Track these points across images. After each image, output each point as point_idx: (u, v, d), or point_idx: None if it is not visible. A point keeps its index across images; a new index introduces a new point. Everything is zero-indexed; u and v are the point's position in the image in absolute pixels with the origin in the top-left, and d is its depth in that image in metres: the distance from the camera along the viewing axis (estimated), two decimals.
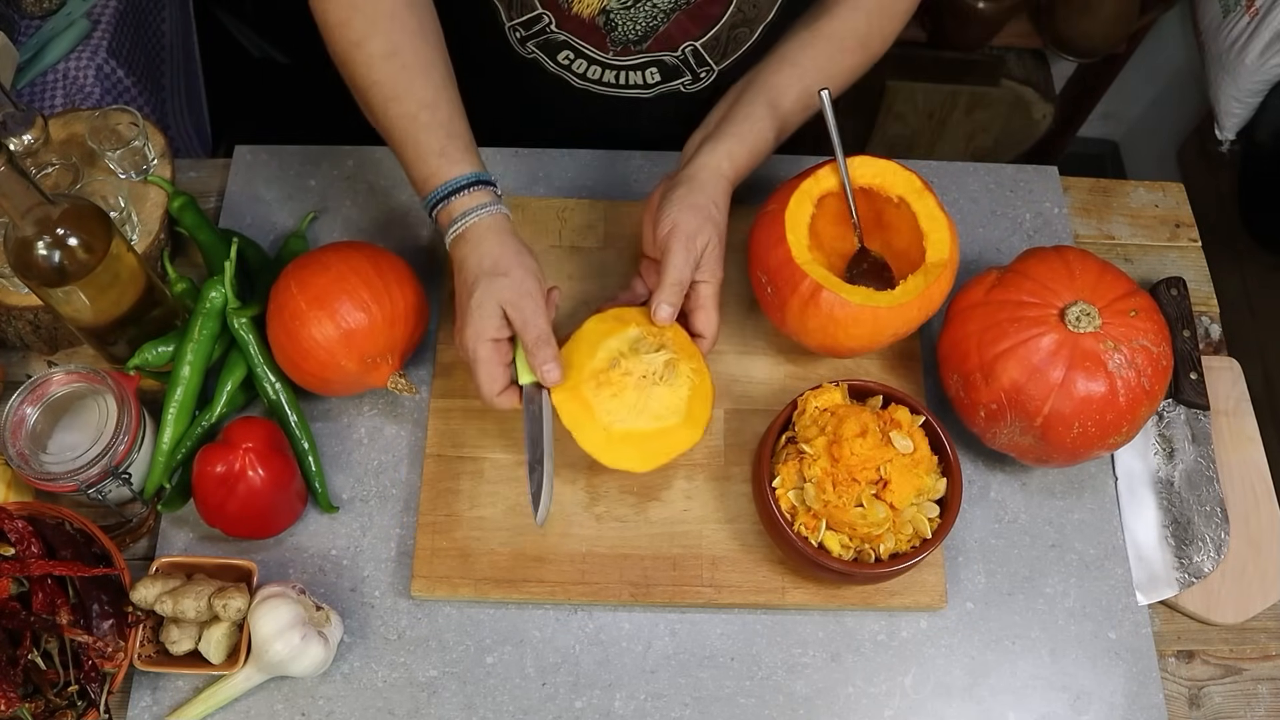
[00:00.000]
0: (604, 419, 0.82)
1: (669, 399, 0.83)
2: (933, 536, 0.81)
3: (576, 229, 1.02)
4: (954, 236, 0.88)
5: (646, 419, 0.83)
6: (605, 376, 0.83)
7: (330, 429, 0.93)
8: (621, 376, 0.83)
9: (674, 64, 0.90)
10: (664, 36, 0.88)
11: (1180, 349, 0.97)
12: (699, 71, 0.92)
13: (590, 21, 0.86)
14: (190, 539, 0.88)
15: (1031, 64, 1.91)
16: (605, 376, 0.83)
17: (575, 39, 0.89)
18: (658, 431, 0.83)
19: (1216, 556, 0.90)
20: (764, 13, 0.86)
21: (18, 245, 0.77)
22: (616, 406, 0.82)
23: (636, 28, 0.86)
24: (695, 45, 0.88)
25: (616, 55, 0.89)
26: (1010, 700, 0.86)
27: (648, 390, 0.83)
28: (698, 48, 0.88)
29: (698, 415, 0.84)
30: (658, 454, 0.83)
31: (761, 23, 0.87)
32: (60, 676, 0.77)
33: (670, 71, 0.91)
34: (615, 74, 0.92)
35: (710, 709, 0.84)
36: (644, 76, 0.92)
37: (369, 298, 0.84)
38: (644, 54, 0.89)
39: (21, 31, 1.29)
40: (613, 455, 0.82)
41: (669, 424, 0.83)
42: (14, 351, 0.95)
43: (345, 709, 0.83)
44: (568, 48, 0.90)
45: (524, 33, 0.89)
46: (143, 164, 0.96)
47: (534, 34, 0.89)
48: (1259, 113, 1.64)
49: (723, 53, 0.90)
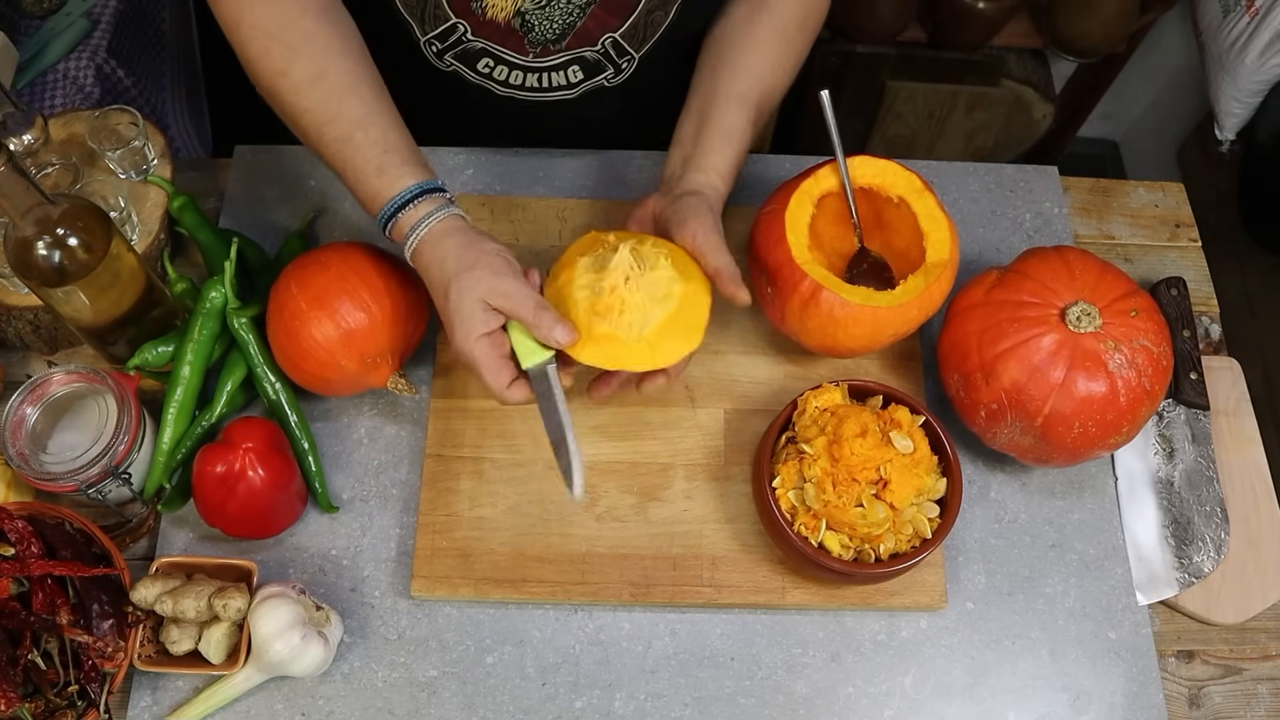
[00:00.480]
0: (634, 334, 0.80)
1: (661, 276, 0.82)
2: (933, 536, 0.81)
3: (576, 229, 1.02)
4: (954, 236, 0.88)
5: (661, 304, 0.81)
6: (601, 305, 0.81)
7: (330, 429, 0.93)
8: (610, 293, 0.80)
9: (595, 59, 0.89)
10: (582, 32, 0.87)
11: (1180, 349, 0.97)
12: (620, 63, 0.91)
13: (506, 25, 0.85)
14: (190, 539, 0.88)
15: (1031, 64, 1.91)
16: (601, 305, 0.81)
17: (493, 44, 0.87)
18: (679, 305, 0.81)
19: (1216, 556, 0.90)
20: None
21: (18, 245, 0.77)
22: (633, 318, 0.80)
23: (553, 26, 0.85)
24: (614, 37, 0.87)
25: (536, 57, 0.88)
26: (1010, 700, 0.86)
27: (639, 284, 0.81)
28: (617, 39, 0.88)
29: (690, 271, 0.83)
30: (694, 323, 0.82)
31: (674, 3, 0.86)
32: (60, 676, 0.77)
33: (592, 67, 0.91)
34: (537, 76, 0.91)
35: (710, 709, 0.84)
36: (566, 76, 0.91)
37: (369, 298, 0.84)
38: (564, 52, 0.88)
39: (21, 31, 1.29)
40: (667, 353, 0.81)
41: (680, 290, 0.82)
42: (14, 351, 0.95)
43: (345, 709, 0.83)
44: (486, 55, 0.88)
45: (440, 45, 0.88)
46: (143, 164, 0.96)
47: (450, 45, 0.87)
48: (1259, 113, 1.64)
49: (641, 39, 0.89)
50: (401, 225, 0.81)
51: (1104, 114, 2.15)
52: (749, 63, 0.92)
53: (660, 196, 0.90)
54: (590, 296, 0.80)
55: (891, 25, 1.78)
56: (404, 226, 0.80)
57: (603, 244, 0.84)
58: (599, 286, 0.80)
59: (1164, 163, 2.04)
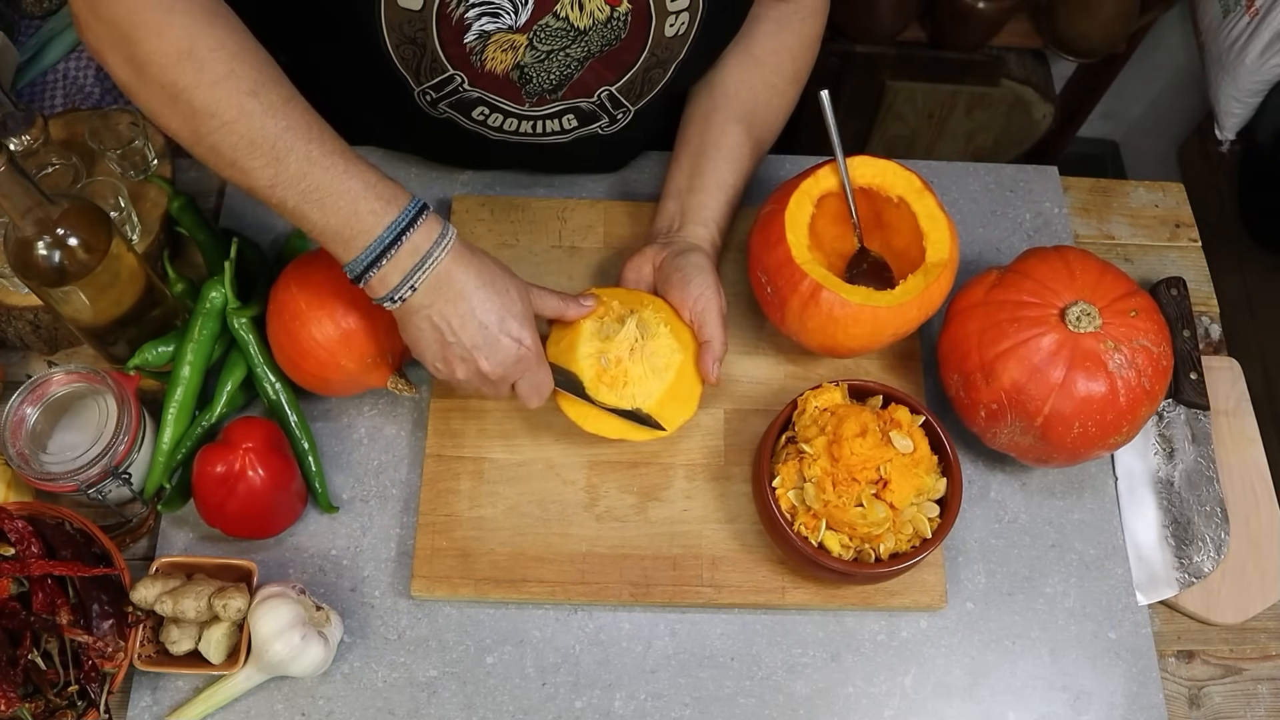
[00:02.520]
0: (635, 405, 0.85)
1: (661, 345, 0.86)
2: (933, 536, 0.81)
3: (576, 229, 1.02)
4: (954, 236, 0.88)
5: (661, 375, 0.85)
6: (607, 377, 0.84)
7: (330, 429, 0.93)
8: (616, 365, 0.84)
9: (590, 109, 0.89)
10: (579, 84, 0.86)
11: (1180, 349, 0.97)
12: (615, 114, 0.91)
13: (504, 76, 0.84)
14: (190, 539, 0.88)
15: (1031, 64, 1.91)
16: (607, 377, 0.84)
17: (489, 94, 0.86)
18: (677, 376, 0.86)
19: (1216, 556, 0.90)
20: (676, 53, 0.85)
21: (18, 245, 0.77)
22: (635, 389, 0.85)
23: (551, 78, 0.84)
24: (610, 90, 0.87)
25: (532, 106, 0.88)
26: (1010, 700, 0.86)
27: (641, 354, 0.85)
28: (613, 92, 0.88)
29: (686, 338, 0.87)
30: (690, 392, 0.87)
31: (674, 62, 0.87)
32: (60, 676, 0.77)
33: (586, 117, 0.91)
34: (532, 124, 0.91)
35: (710, 709, 0.84)
36: (560, 124, 0.91)
37: (369, 298, 0.84)
38: (559, 102, 0.88)
39: (21, 31, 1.28)
40: (671, 418, 0.86)
41: (679, 361, 0.86)
42: (14, 351, 0.95)
43: (345, 709, 0.83)
44: (482, 104, 0.87)
45: (435, 95, 0.86)
46: (143, 164, 0.96)
47: (446, 95, 0.86)
48: (1259, 113, 1.64)
49: (638, 94, 0.89)
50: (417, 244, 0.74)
51: (1104, 114, 2.15)
52: (739, 114, 0.94)
53: (659, 248, 0.91)
54: (595, 366, 0.84)
55: (891, 25, 1.77)
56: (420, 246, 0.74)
57: (604, 305, 0.87)
58: (606, 358, 0.84)
59: (1164, 163, 2.04)
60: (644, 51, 0.84)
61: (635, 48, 0.83)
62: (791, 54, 0.95)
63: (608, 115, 0.91)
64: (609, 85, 0.87)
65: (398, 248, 0.73)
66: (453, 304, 0.76)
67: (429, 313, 0.76)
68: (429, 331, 0.77)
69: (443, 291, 0.76)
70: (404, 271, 0.74)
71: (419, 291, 0.75)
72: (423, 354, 0.80)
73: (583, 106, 0.89)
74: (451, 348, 0.78)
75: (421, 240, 0.74)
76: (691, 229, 0.92)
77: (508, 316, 0.78)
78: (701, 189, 0.93)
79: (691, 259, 0.88)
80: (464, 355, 0.78)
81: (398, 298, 0.75)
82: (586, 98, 0.88)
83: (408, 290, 0.75)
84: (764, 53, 0.95)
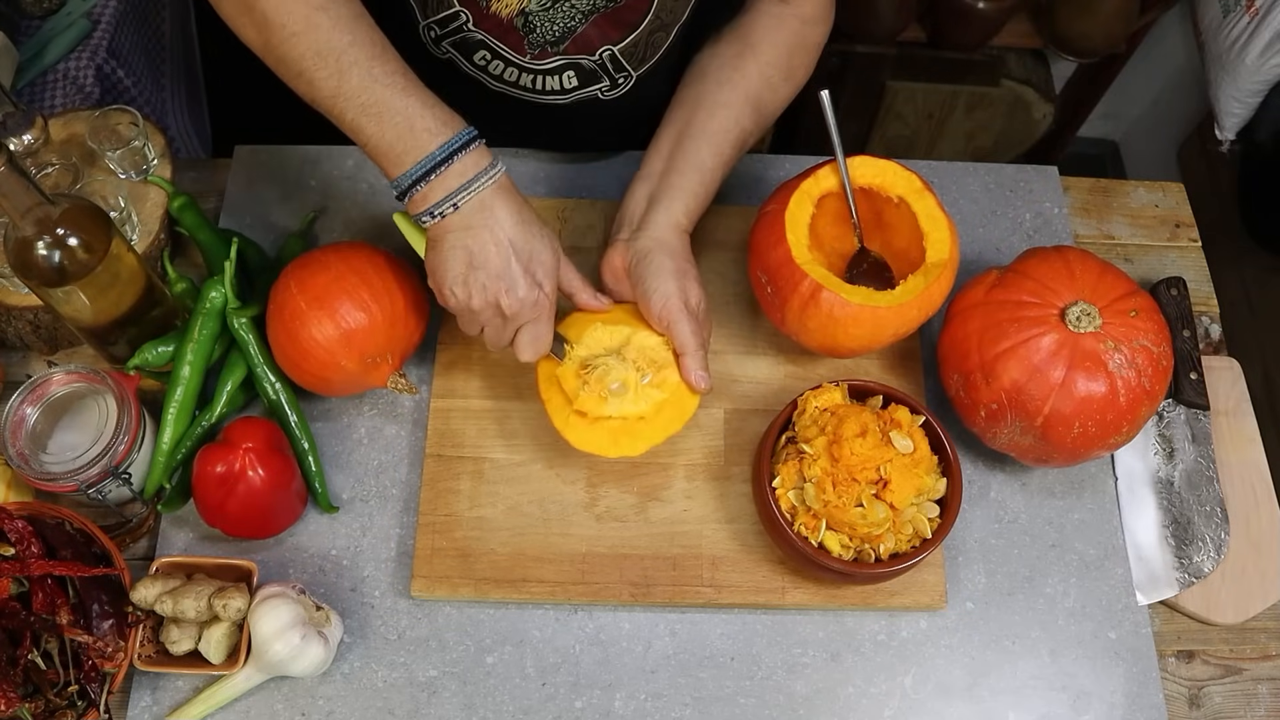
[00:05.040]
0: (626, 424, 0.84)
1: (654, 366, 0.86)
2: (933, 536, 0.81)
3: (577, 229, 1.02)
4: (954, 236, 0.88)
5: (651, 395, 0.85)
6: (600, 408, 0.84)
7: (330, 429, 0.93)
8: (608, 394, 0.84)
9: (591, 68, 0.89)
10: (581, 39, 0.86)
11: (1180, 349, 0.97)
12: (617, 78, 0.91)
13: (508, 22, 0.85)
14: (190, 539, 0.88)
15: (1031, 64, 1.91)
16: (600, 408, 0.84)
17: (492, 38, 0.87)
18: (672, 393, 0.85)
19: (1216, 556, 0.90)
20: (679, 15, 0.86)
21: (18, 245, 0.77)
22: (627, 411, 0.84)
23: (554, 28, 0.85)
24: (613, 50, 0.87)
25: (533, 58, 0.88)
26: (1010, 700, 0.86)
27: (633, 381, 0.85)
28: (615, 53, 0.88)
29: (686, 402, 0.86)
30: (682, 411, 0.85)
31: (677, 24, 0.87)
32: (60, 676, 0.77)
33: (587, 76, 0.91)
34: (532, 78, 0.91)
35: (710, 709, 0.84)
36: (561, 81, 0.91)
37: (369, 298, 0.84)
38: (561, 56, 0.88)
39: (21, 31, 1.28)
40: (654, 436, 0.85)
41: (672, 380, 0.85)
42: (14, 351, 0.95)
43: (345, 709, 0.83)
44: (484, 47, 0.88)
45: (439, 31, 0.87)
46: (143, 164, 0.96)
47: (449, 32, 0.87)
48: (1259, 113, 1.64)
49: (640, 59, 0.89)
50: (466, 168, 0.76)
51: (1104, 114, 2.15)
52: (728, 98, 0.92)
53: (625, 244, 0.89)
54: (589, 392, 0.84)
55: (891, 25, 1.78)
56: (467, 170, 0.76)
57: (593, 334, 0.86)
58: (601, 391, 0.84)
59: (1164, 163, 2.04)
60: (650, 11, 0.85)
61: (640, 7, 0.84)
62: (788, 49, 0.95)
63: (609, 78, 0.91)
64: (612, 45, 0.87)
65: (447, 166, 0.75)
66: (490, 231, 0.77)
67: (464, 235, 0.77)
68: (459, 253, 0.78)
69: (482, 217, 0.77)
70: (448, 190, 0.75)
71: (460, 211, 0.76)
72: (443, 277, 0.79)
73: (584, 64, 0.89)
74: (476, 274, 0.78)
75: (470, 165, 0.76)
76: (657, 217, 0.88)
77: (535, 261, 0.78)
78: (676, 170, 0.90)
79: (652, 264, 0.86)
80: (486, 284, 0.78)
81: (438, 212, 0.76)
82: (588, 54, 0.88)
83: (449, 207, 0.76)
84: (761, 43, 0.94)
